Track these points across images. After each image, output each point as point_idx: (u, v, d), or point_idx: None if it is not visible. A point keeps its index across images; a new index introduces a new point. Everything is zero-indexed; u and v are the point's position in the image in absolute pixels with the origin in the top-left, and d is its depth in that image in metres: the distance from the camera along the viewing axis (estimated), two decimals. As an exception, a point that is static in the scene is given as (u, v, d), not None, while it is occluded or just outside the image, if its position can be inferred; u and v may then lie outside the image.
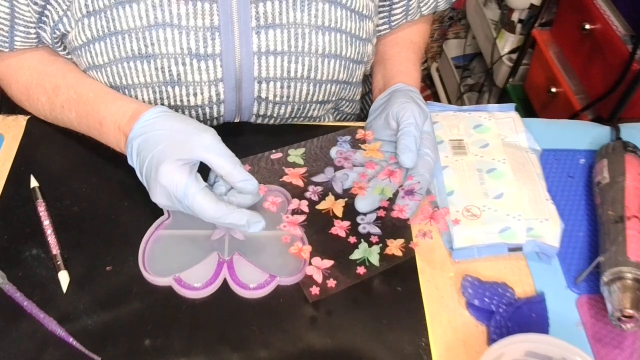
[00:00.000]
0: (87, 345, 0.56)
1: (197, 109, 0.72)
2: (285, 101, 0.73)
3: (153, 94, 0.69)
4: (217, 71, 0.69)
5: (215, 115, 0.73)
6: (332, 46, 0.71)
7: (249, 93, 0.71)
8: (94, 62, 0.69)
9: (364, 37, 0.75)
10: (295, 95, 0.73)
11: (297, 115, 0.77)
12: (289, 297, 0.61)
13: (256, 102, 0.73)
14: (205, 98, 0.70)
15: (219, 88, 0.70)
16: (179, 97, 0.70)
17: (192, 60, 0.67)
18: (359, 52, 0.75)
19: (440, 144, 0.74)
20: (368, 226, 0.66)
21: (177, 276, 0.61)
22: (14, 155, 0.72)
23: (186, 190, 0.59)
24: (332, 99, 0.77)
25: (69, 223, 0.66)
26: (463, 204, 0.67)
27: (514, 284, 0.63)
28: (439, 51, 2.16)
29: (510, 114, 0.79)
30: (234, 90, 0.71)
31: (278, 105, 0.74)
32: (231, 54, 0.68)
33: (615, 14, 1.23)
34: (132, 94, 0.69)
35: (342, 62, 0.73)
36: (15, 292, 0.59)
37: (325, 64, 0.72)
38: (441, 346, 0.59)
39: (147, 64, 0.67)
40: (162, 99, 0.70)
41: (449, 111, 0.79)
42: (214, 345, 0.57)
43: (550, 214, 0.67)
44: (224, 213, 0.59)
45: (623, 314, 0.57)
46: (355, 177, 0.69)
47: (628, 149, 0.72)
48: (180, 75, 0.68)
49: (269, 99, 0.73)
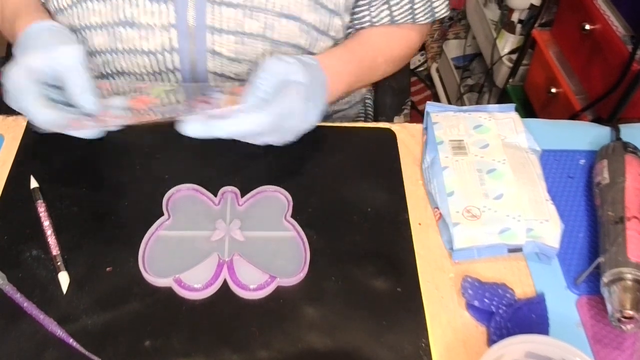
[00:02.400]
0: (87, 346, 0.56)
1: (151, 55, 0.72)
2: (241, 59, 0.73)
3: (108, 35, 0.71)
4: (170, 16, 0.69)
5: (171, 67, 0.73)
6: (290, 6, 0.70)
7: (202, 44, 0.71)
8: (59, 5, 0.72)
9: (331, 7, 0.74)
10: (251, 53, 0.72)
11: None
12: (289, 298, 0.61)
13: (210, 56, 0.72)
14: (158, 43, 0.71)
15: (171, 34, 0.70)
16: (132, 40, 0.71)
17: (145, 2, 0.69)
18: (322, 22, 0.74)
19: (440, 144, 0.74)
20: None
21: (177, 277, 0.61)
22: (14, 156, 0.72)
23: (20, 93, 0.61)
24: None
25: (69, 223, 0.66)
26: (463, 205, 0.67)
27: (514, 285, 0.63)
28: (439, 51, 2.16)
29: (510, 114, 0.79)
30: (187, 38, 0.71)
31: (233, 63, 0.73)
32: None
33: (615, 14, 1.23)
34: (89, 36, 0.72)
35: (301, 27, 0.72)
36: (15, 293, 0.59)
37: (283, 24, 0.71)
38: (441, 347, 0.59)
39: (103, 4, 0.70)
40: (116, 41, 0.71)
41: (449, 111, 0.79)
42: (214, 346, 0.57)
43: (550, 215, 0.67)
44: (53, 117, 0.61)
45: (623, 315, 0.57)
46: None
47: (628, 149, 0.72)
48: (134, 16, 0.69)
49: (223, 53, 0.72)
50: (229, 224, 0.66)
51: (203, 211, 0.68)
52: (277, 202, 0.69)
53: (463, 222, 0.66)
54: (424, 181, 0.74)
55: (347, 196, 0.70)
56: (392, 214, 0.69)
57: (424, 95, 2.19)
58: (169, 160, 0.72)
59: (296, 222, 0.66)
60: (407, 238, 0.67)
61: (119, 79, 0.76)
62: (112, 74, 0.76)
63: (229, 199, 0.69)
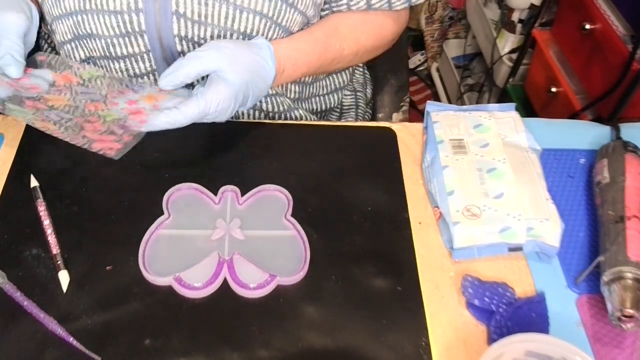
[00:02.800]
0: (87, 345, 0.56)
1: (117, 15, 0.72)
2: (204, 22, 0.73)
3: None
4: None
5: (137, 29, 0.74)
6: None
7: (166, 4, 0.72)
8: None
9: None
10: (214, 16, 0.73)
11: None
12: (289, 297, 0.61)
13: (175, 18, 0.73)
14: (124, 3, 0.71)
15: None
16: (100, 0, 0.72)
17: None
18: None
19: (440, 143, 0.74)
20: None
21: (177, 276, 0.61)
22: (14, 155, 0.72)
23: None
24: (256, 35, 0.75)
25: (69, 223, 0.66)
26: (463, 204, 0.67)
27: (514, 284, 0.63)
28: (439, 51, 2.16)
29: (510, 113, 0.79)
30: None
31: (197, 25, 0.73)
32: None
33: (615, 14, 1.23)
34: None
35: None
36: (15, 291, 0.59)
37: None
38: (441, 346, 0.59)
39: None
40: (85, 1, 0.72)
41: (449, 111, 0.79)
42: (214, 345, 0.57)
43: (551, 214, 0.67)
44: None
45: (623, 314, 0.57)
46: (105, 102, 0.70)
47: (628, 148, 0.72)
48: None
49: (187, 15, 0.72)
50: (229, 223, 0.66)
51: (203, 210, 0.68)
52: (277, 201, 0.69)
53: (463, 221, 0.66)
54: (424, 180, 0.74)
55: (347, 195, 0.70)
56: (392, 213, 0.69)
57: (424, 94, 2.19)
58: (169, 159, 0.72)
59: (296, 221, 0.66)
60: (407, 237, 0.67)
61: (90, 42, 0.77)
62: (84, 36, 0.77)
63: (229, 198, 0.69)
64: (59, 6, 0.74)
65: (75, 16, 0.74)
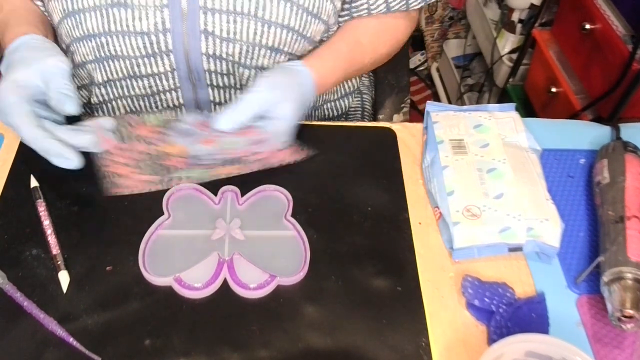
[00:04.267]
0: (87, 345, 0.56)
1: (144, 36, 0.72)
2: (233, 38, 0.73)
3: (101, 17, 0.71)
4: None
5: (164, 49, 0.73)
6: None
7: (194, 24, 0.71)
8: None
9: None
10: (243, 33, 0.73)
11: (247, 63, 0.76)
12: (289, 297, 0.61)
13: (203, 37, 0.73)
14: (151, 24, 0.71)
15: (164, 14, 0.71)
16: (126, 20, 0.71)
17: None
18: (314, 5, 0.75)
19: (440, 143, 0.74)
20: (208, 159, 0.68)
21: (177, 276, 0.61)
22: (14, 155, 0.72)
23: (8, 108, 0.63)
24: (284, 49, 0.76)
25: (69, 223, 0.66)
26: (463, 204, 0.67)
27: (514, 284, 0.63)
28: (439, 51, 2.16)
29: (510, 113, 0.79)
30: (179, 18, 0.71)
31: (226, 43, 0.73)
32: None
33: (615, 14, 1.23)
34: (82, 19, 0.72)
35: (293, 8, 0.73)
36: (15, 292, 0.59)
37: (275, 4, 0.72)
38: (441, 346, 0.59)
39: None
40: (110, 23, 0.71)
41: (449, 111, 0.79)
42: (214, 345, 0.57)
43: (551, 214, 0.67)
44: (36, 137, 0.63)
45: (623, 314, 0.57)
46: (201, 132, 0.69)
47: (628, 149, 0.72)
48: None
49: (216, 33, 0.72)
50: (229, 223, 0.66)
51: (203, 210, 0.68)
52: (277, 201, 0.69)
53: (463, 222, 0.66)
54: (424, 180, 0.74)
55: (347, 195, 0.70)
56: (392, 214, 0.69)
57: (424, 94, 2.19)
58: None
59: (296, 221, 0.66)
60: (407, 237, 0.67)
61: (113, 63, 0.77)
62: (107, 58, 0.76)
63: (229, 198, 0.69)
64: (80, 28, 0.73)
65: (98, 38, 0.73)
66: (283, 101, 0.69)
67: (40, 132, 0.63)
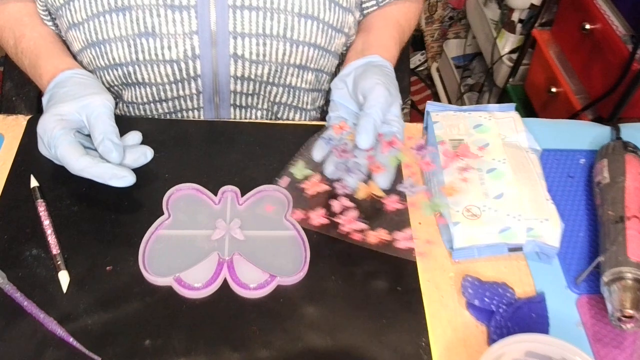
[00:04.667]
0: (87, 345, 0.56)
1: (173, 64, 0.72)
2: (262, 60, 0.73)
3: (128, 47, 0.70)
4: (192, 23, 0.69)
5: (192, 74, 0.73)
6: (309, 7, 0.72)
7: (224, 48, 0.71)
8: (73, 20, 0.71)
9: (345, 5, 0.76)
10: (272, 54, 0.73)
11: (276, 81, 0.76)
12: (289, 297, 0.61)
13: (232, 60, 0.73)
14: (180, 52, 0.71)
15: (193, 41, 0.70)
16: (154, 50, 0.70)
17: (166, 12, 0.68)
18: (338, 20, 0.75)
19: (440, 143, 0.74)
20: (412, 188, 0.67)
21: (178, 276, 0.61)
22: (14, 155, 0.72)
23: (55, 140, 0.62)
24: (311, 66, 0.77)
25: (69, 223, 0.66)
26: (463, 204, 0.67)
27: (514, 284, 0.63)
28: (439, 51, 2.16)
29: (510, 113, 0.79)
30: (209, 44, 0.71)
31: (255, 65, 0.74)
32: (206, 6, 0.69)
33: (615, 14, 1.23)
34: (107, 50, 0.71)
35: (319, 25, 0.73)
36: (15, 292, 0.59)
37: (302, 24, 0.72)
38: (441, 346, 0.59)
39: (122, 17, 0.69)
40: (137, 53, 0.71)
41: (449, 111, 0.79)
42: (214, 345, 0.57)
43: (551, 214, 0.67)
44: (86, 165, 0.62)
45: (623, 314, 0.57)
46: (364, 161, 0.68)
47: (628, 149, 0.72)
48: (154, 26, 0.69)
49: (245, 56, 0.73)
50: (229, 223, 0.66)
51: (203, 210, 0.68)
52: (277, 201, 0.69)
53: (463, 222, 0.66)
54: (424, 180, 0.74)
55: (347, 195, 0.70)
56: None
57: (424, 94, 2.19)
58: (169, 159, 0.72)
59: (296, 222, 0.66)
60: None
61: (139, 89, 0.77)
62: (132, 84, 0.76)
63: (229, 198, 0.69)
64: (105, 57, 0.73)
65: (125, 67, 0.73)
66: (394, 102, 0.70)
67: (89, 160, 0.63)
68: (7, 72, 0.98)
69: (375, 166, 0.66)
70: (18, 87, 0.99)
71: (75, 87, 0.67)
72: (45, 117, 0.64)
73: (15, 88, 0.99)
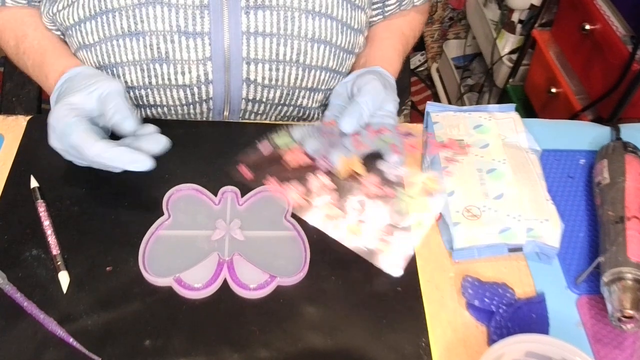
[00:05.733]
0: (87, 346, 0.56)
1: (186, 88, 0.72)
2: (274, 85, 0.73)
3: (141, 72, 0.70)
4: (206, 50, 0.69)
5: (204, 97, 0.73)
6: (322, 32, 0.72)
7: (237, 74, 0.71)
8: (84, 41, 0.70)
9: (356, 27, 0.75)
10: (284, 79, 0.73)
11: (287, 102, 0.76)
12: (289, 297, 0.61)
13: (245, 85, 0.73)
14: (194, 77, 0.71)
15: (207, 67, 0.70)
16: (167, 75, 0.70)
17: (180, 38, 0.68)
18: (350, 42, 0.75)
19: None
20: (395, 170, 0.65)
21: (178, 276, 0.61)
22: (14, 155, 0.72)
23: (68, 129, 0.61)
24: (322, 88, 0.77)
25: (69, 223, 0.66)
26: (463, 204, 0.67)
27: (514, 285, 0.63)
28: (439, 51, 2.16)
29: (510, 114, 0.79)
30: (222, 70, 0.71)
31: (267, 89, 0.74)
32: (220, 33, 0.68)
33: (615, 14, 1.23)
34: (120, 73, 0.71)
35: (332, 50, 0.73)
36: (15, 292, 0.59)
37: (315, 50, 0.72)
38: (441, 346, 0.59)
39: (135, 42, 0.68)
40: (150, 77, 0.71)
41: (449, 111, 0.79)
42: (214, 346, 0.57)
43: (551, 215, 0.67)
44: (102, 149, 0.60)
45: (623, 315, 0.57)
46: (349, 140, 0.68)
47: (628, 149, 0.72)
48: (168, 52, 0.69)
49: (258, 81, 0.73)
50: (229, 224, 0.66)
51: (203, 211, 0.68)
52: (277, 201, 0.69)
53: (463, 222, 0.66)
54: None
55: (347, 196, 0.70)
56: (392, 214, 0.69)
57: (424, 95, 2.19)
58: (169, 160, 0.72)
59: (296, 222, 0.66)
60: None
61: (150, 110, 0.77)
62: (144, 106, 0.76)
63: (229, 199, 0.69)
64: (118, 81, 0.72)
65: (137, 90, 0.73)
66: (388, 100, 0.70)
67: (104, 144, 0.61)
68: (7, 73, 0.98)
69: (360, 145, 0.66)
70: (18, 87, 0.99)
71: (84, 79, 0.66)
72: (57, 107, 0.63)
73: (15, 88, 0.99)
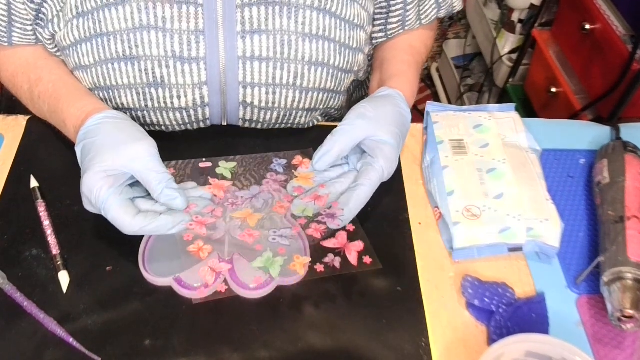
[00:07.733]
0: (87, 346, 0.56)
1: (182, 111, 0.72)
2: (271, 107, 0.73)
3: (137, 95, 0.70)
4: (202, 74, 0.69)
5: (201, 118, 0.73)
6: (319, 55, 0.71)
7: (233, 97, 0.71)
8: (80, 62, 0.70)
9: (355, 46, 0.74)
10: (281, 102, 0.73)
11: (284, 122, 0.76)
12: (288, 297, 0.61)
13: (241, 107, 0.73)
14: (190, 101, 0.70)
15: (203, 91, 0.70)
16: (163, 99, 0.70)
17: (176, 63, 0.67)
18: (348, 62, 0.74)
19: (440, 143, 0.74)
20: (278, 238, 0.64)
21: (177, 276, 0.61)
22: (14, 155, 0.72)
23: (104, 204, 0.59)
24: (319, 107, 0.77)
25: (69, 223, 0.66)
26: (463, 204, 0.67)
27: (514, 284, 0.63)
28: (439, 51, 2.16)
29: (510, 114, 0.79)
30: (218, 94, 0.71)
31: (264, 111, 0.74)
32: (215, 57, 0.68)
33: (615, 14, 1.23)
34: (116, 95, 0.70)
35: (329, 71, 0.73)
36: (15, 292, 0.59)
37: (312, 72, 0.71)
38: (441, 346, 0.59)
39: (131, 66, 0.68)
40: (146, 101, 0.70)
41: (449, 111, 0.79)
42: (214, 345, 0.57)
43: (551, 214, 0.67)
44: (141, 226, 0.59)
45: (623, 314, 0.57)
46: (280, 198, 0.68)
47: (628, 149, 0.72)
48: (164, 77, 0.68)
49: (254, 104, 0.72)
50: (229, 223, 0.66)
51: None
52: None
53: (463, 222, 0.66)
54: (424, 181, 0.74)
55: (347, 195, 0.70)
56: (392, 213, 0.69)
57: (424, 95, 2.19)
58: (169, 160, 0.72)
59: (296, 222, 0.66)
60: (407, 237, 0.67)
61: (147, 129, 0.75)
62: (143, 125, 0.74)
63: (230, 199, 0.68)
64: (113, 102, 0.71)
65: (134, 112, 0.72)
66: (379, 127, 0.67)
67: (143, 219, 0.60)
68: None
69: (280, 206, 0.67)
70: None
71: (111, 135, 0.63)
72: (90, 176, 0.60)
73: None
